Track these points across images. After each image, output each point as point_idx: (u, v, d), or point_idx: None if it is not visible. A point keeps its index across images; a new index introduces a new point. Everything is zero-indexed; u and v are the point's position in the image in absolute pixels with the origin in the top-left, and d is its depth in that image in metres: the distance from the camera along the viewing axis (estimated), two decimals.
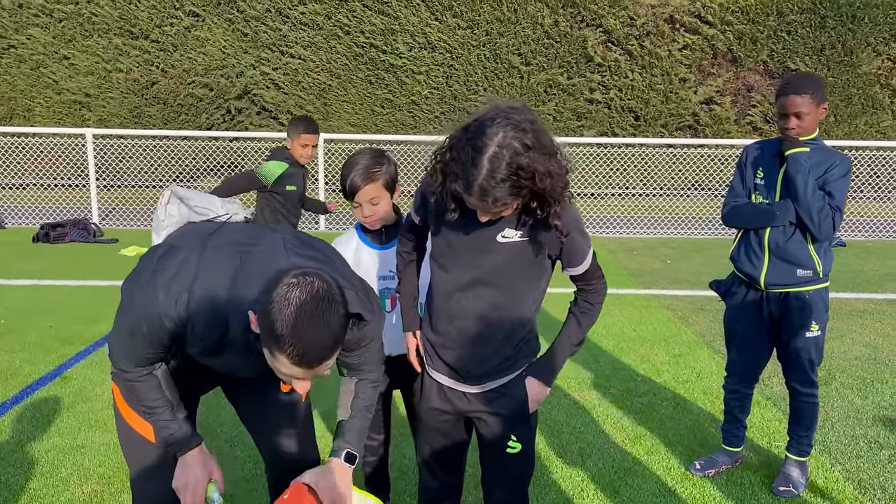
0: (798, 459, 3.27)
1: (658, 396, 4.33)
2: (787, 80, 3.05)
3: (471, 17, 13.11)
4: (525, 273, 1.99)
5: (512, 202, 1.76)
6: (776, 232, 3.04)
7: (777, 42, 13.10)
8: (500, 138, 1.69)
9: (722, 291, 3.36)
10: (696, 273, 7.82)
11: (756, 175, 3.12)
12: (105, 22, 13.01)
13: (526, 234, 1.93)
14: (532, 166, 1.71)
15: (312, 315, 1.51)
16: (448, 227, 2.00)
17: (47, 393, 4.22)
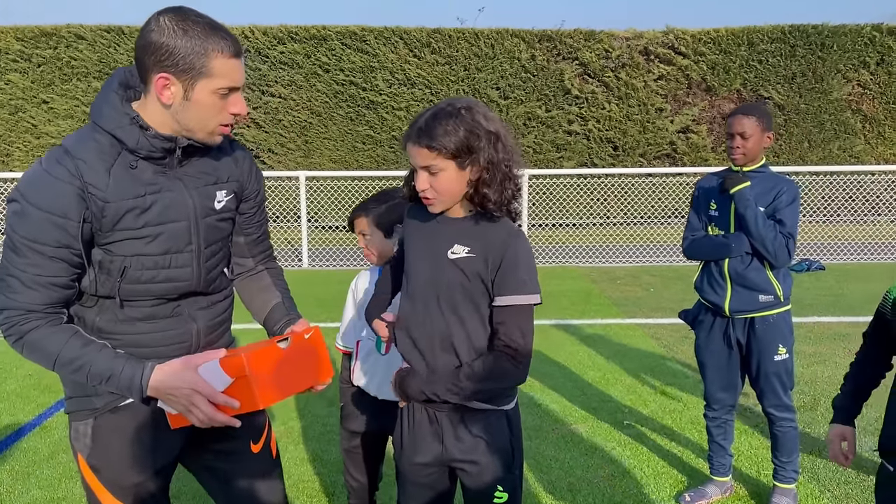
0: (785, 487, 3.28)
1: (646, 427, 4.32)
2: (740, 105, 3.24)
3: (448, 53, 13.29)
4: (472, 294, 1.91)
5: (444, 150, 1.81)
6: (735, 261, 3.16)
7: (749, 71, 13.38)
8: (449, 101, 1.87)
9: (690, 320, 3.45)
10: (678, 301, 7.84)
11: (710, 207, 3.24)
12: (84, 66, 13.05)
13: (473, 251, 1.90)
14: (479, 125, 1.83)
15: (199, 13, 1.62)
16: (412, 248, 2.03)
17: (27, 444, 4.13)
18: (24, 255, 1.59)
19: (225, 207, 1.85)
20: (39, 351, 1.63)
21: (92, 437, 1.77)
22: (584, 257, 10.77)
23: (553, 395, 4.89)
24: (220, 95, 1.64)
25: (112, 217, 1.64)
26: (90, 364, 1.61)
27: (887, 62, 13.36)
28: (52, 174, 1.60)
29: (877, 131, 13.66)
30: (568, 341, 6.22)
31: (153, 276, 1.72)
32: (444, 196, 1.89)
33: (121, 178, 1.65)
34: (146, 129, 1.65)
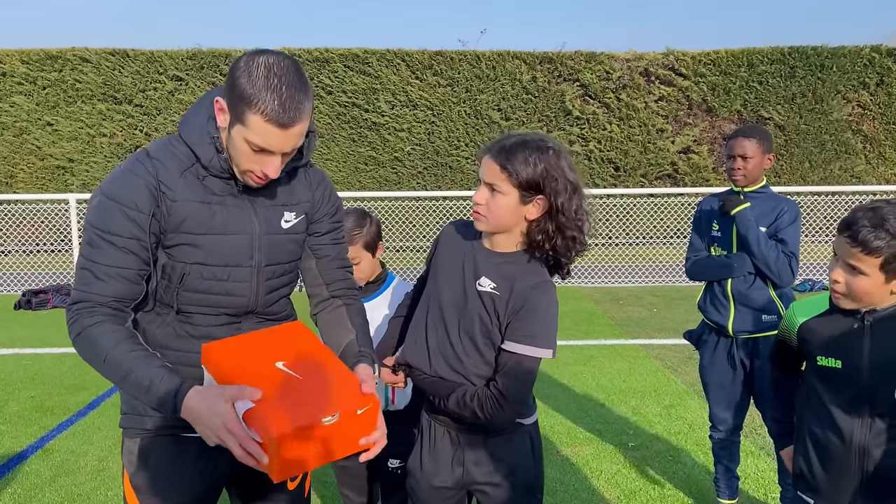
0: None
1: (651, 450, 4.29)
2: (739, 128, 3.27)
3: (450, 74, 13.38)
4: (490, 327, 1.88)
5: (515, 177, 1.80)
6: (738, 281, 3.17)
7: (749, 92, 13.45)
8: (543, 137, 1.87)
9: (694, 340, 3.45)
10: (682, 321, 7.83)
11: (712, 228, 3.25)
12: (89, 88, 13.15)
13: (498, 289, 1.88)
14: (559, 171, 1.83)
15: (283, 71, 1.55)
16: (441, 267, 2.02)
17: (28, 467, 4.11)
18: (98, 245, 1.64)
19: (293, 228, 1.84)
20: (93, 347, 1.61)
21: (138, 457, 1.79)
22: (586, 278, 10.76)
23: (557, 416, 4.87)
24: (252, 149, 1.62)
25: (177, 218, 1.68)
26: (133, 370, 1.56)
27: (887, 83, 13.43)
28: (131, 170, 1.67)
29: (877, 151, 13.70)
30: (571, 362, 6.20)
31: (210, 287, 1.73)
32: (494, 219, 1.86)
33: (191, 182, 1.70)
34: (220, 151, 1.70)
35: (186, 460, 1.79)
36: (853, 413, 1.86)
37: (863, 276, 1.76)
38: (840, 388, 1.88)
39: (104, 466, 4.08)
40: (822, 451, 1.94)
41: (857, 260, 1.76)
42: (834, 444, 1.90)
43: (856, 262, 1.76)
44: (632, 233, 12.57)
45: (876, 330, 1.83)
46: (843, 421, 1.87)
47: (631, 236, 12.61)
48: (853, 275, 1.78)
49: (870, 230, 1.72)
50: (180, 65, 13.23)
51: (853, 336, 1.86)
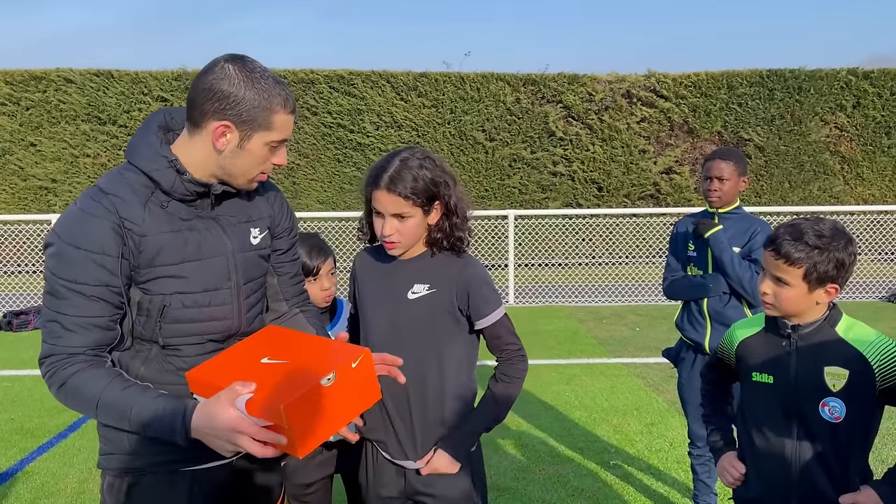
0: None
1: (632, 467, 4.32)
2: (716, 150, 3.38)
3: (435, 96, 13.49)
4: (438, 330, 2.05)
5: (416, 198, 1.95)
6: (714, 300, 3.26)
7: (730, 114, 13.66)
8: (408, 150, 2.02)
9: (672, 357, 3.51)
10: (664, 340, 7.88)
11: (688, 248, 3.32)
12: (73, 109, 13.14)
13: (433, 287, 2.04)
14: (441, 174, 2.00)
15: (255, 65, 1.64)
16: (365, 290, 2.15)
17: (8, 489, 4.08)
18: (64, 297, 1.57)
19: (260, 244, 1.85)
20: (81, 395, 1.56)
21: (126, 496, 1.72)
22: (569, 297, 10.82)
23: (540, 434, 4.89)
24: (271, 148, 1.68)
25: (150, 252, 1.62)
26: (132, 406, 1.53)
27: (863, 105, 13.69)
28: (87, 211, 1.59)
29: (855, 172, 13.92)
30: (554, 381, 6.23)
31: (194, 315, 1.69)
32: (409, 240, 2.02)
33: (156, 213, 1.65)
34: (182, 173, 1.65)
35: (177, 495, 1.74)
36: (785, 428, 1.94)
37: (788, 287, 1.89)
38: (772, 404, 1.97)
39: (84, 489, 4.06)
40: (758, 466, 2.01)
41: (782, 272, 1.89)
42: (769, 459, 1.97)
43: (781, 274, 1.89)
44: (615, 252, 12.67)
45: (801, 346, 1.94)
46: (777, 436, 1.95)
47: (614, 255, 12.70)
48: (779, 286, 1.91)
49: (790, 243, 1.86)
50: (165, 85, 13.26)
51: (782, 352, 1.97)
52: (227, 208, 1.79)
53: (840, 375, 1.87)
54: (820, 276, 1.86)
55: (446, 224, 2.04)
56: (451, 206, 2.03)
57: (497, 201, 13.61)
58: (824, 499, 1.89)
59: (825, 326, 1.93)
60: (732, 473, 2.07)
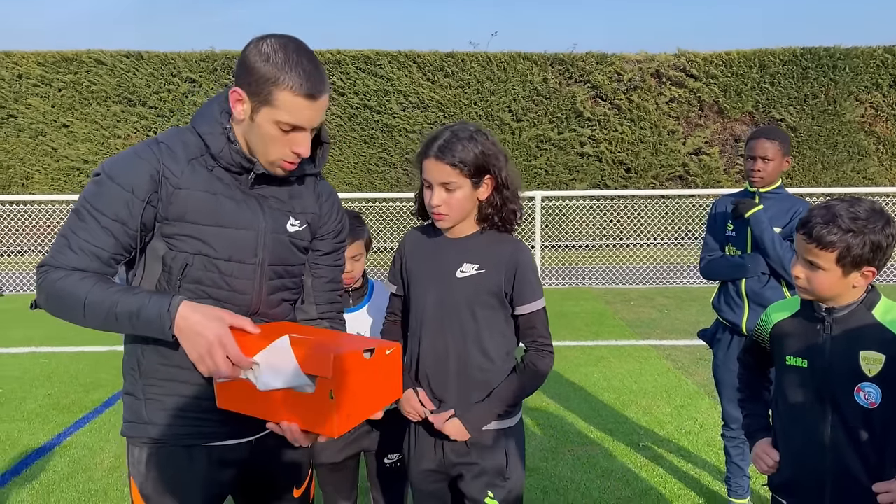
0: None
1: (662, 449, 4.31)
2: (759, 128, 3.32)
3: (462, 76, 13.41)
4: (484, 310, 2.06)
5: (464, 167, 1.96)
6: (752, 280, 3.20)
7: (761, 93, 13.41)
8: (461, 123, 2.03)
9: (708, 339, 3.47)
10: (693, 322, 7.83)
11: (726, 228, 3.27)
12: (104, 90, 13.28)
13: (482, 267, 2.05)
14: (492, 147, 2.00)
15: (297, 47, 1.60)
16: (414, 268, 2.16)
17: (46, 463, 4.18)
18: (83, 218, 1.62)
19: (298, 234, 1.81)
20: (68, 296, 1.58)
21: (145, 466, 1.77)
22: (597, 279, 10.76)
23: (569, 416, 4.89)
24: (282, 129, 1.63)
25: (180, 206, 1.64)
26: (118, 301, 1.56)
27: None
28: (135, 152, 1.66)
29: (891, 153, 13.62)
30: (582, 363, 6.21)
31: (215, 281, 1.70)
32: (457, 213, 2.02)
33: (198, 171, 1.68)
34: (233, 142, 1.68)
35: (194, 471, 1.77)
36: (820, 414, 1.90)
37: (821, 272, 1.84)
38: (806, 389, 1.93)
39: (120, 463, 4.14)
40: (792, 452, 1.98)
41: (814, 255, 1.84)
42: (805, 446, 1.93)
43: (813, 258, 1.84)
44: (643, 234, 12.57)
45: (836, 330, 1.89)
46: (811, 421, 1.91)
47: (642, 237, 12.60)
48: (812, 270, 1.86)
49: (822, 226, 1.81)
50: (194, 67, 13.34)
51: (816, 336, 1.92)
52: (272, 192, 1.78)
53: (876, 360, 1.83)
54: (854, 259, 1.80)
55: (497, 199, 2.04)
56: (501, 179, 2.03)
57: (524, 182, 13.45)
58: (858, 485, 1.86)
59: (861, 310, 1.88)
60: (766, 461, 2.04)
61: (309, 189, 1.87)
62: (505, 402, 2.09)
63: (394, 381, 1.69)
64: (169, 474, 1.77)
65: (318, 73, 1.61)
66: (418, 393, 2.14)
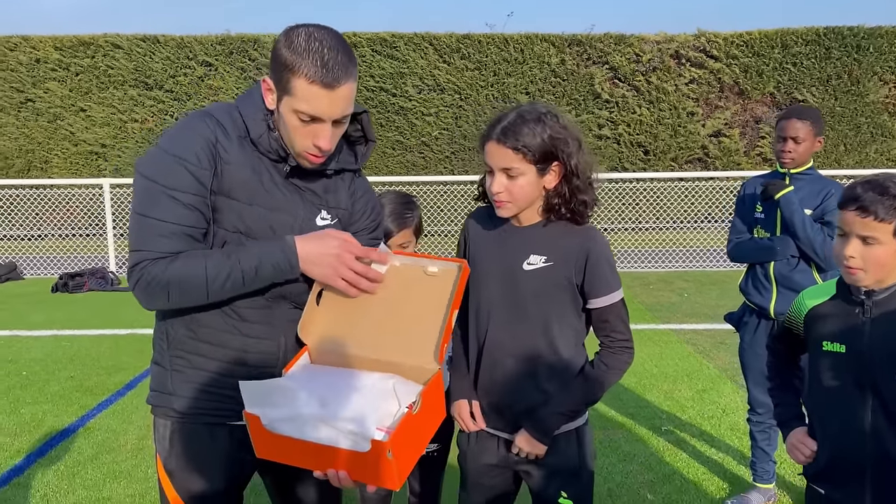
0: None
1: (684, 433, 4.28)
2: (790, 107, 3.22)
3: (478, 58, 13.31)
4: (553, 304, 1.93)
5: (528, 153, 1.80)
6: (780, 263, 3.15)
7: (783, 74, 13.21)
8: (531, 104, 1.86)
9: (735, 322, 3.42)
10: (713, 306, 7.77)
11: (755, 210, 3.20)
12: (120, 74, 13.31)
13: (550, 260, 1.90)
14: (562, 131, 1.83)
15: (323, 36, 1.56)
16: (478, 255, 2.01)
17: (70, 444, 4.21)
18: (162, 204, 1.58)
19: (326, 227, 1.77)
20: (187, 277, 1.57)
21: (169, 441, 1.77)
22: (616, 262, 10.67)
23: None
24: (302, 120, 1.59)
25: (228, 181, 1.64)
26: (237, 257, 1.58)
27: None
28: (191, 126, 1.64)
29: None
30: None
31: None
32: (519, 201, 1.87)
33: (246, 150, 1.67)
34: (272, 129, 1.67)
35: (217, 449, 1.77)
36: (858, 400, 1.85)
37: (878, 245, 1.78)
38: (844, 374, 1.87)
39: (144, 445, 4.17)
40: (832, 440, 1.93)
41: (871, 230, 1.77)
42: (843, 432, 1.89)
43: (869, 232, 1.78)
44: (661, 217, 12.46)
45: (876, 313, 1.84)
46: (851, 407, 1.86)
47: (661, 221, 12.49)
48: (868, 246, 1.79)
49: (877, 198, 1.75)
50: (210, 50, 13.32)
51: (855, 320, 1.87)
52: (307, 184, 1.77)
53: None
54: None
55: (566, 189, 1.87)
56: (571, 167, 1.85)
57: None
58: None
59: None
60: (803, 451, 1.99)
61: (344, 184, 1.85)
62: (575, 407, 1.98)
63: (438, 406, 1.66)
64: (192, 451, 1.78)
65: (339, 61, 1.56)
66: (472, 405, 2.05)
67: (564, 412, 1.96)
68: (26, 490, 3.64)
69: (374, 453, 1.44)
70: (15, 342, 6.59)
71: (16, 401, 4.97)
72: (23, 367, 5.75)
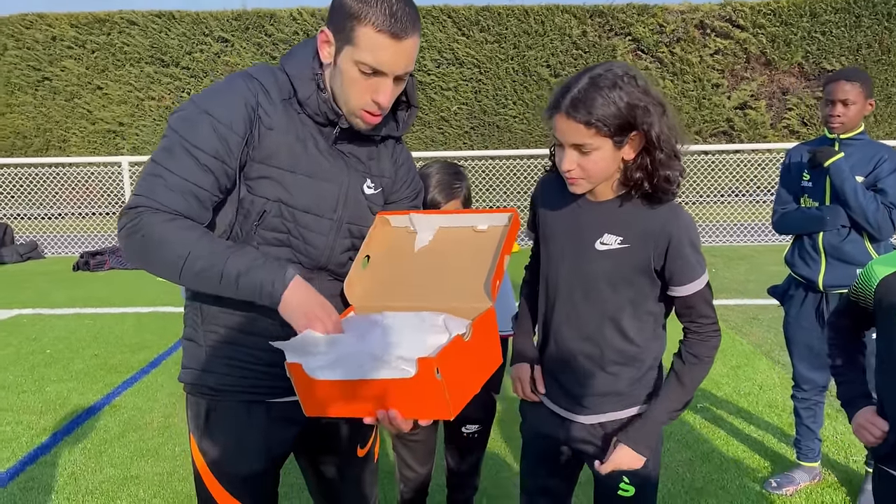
0: None
1: (721, 410, 4.16)
2: (839, 70, 3.05)
3: (498, 31, 13.09)
4: (627, 288, 1.75)
5: (602, 126, 1.57)
6: (830, 234, 3.00)
7: (812, 43, 12.89)
8: (604, 66, 1.62)
9: (779, 296, 3.29)
10: (742, 281, 7.62)
11: (802, 178, 3.09)
12: (137, 51, 13.23)
13: (627, 241, 1.71)
14: (642, 97, 1.59)
15: None
16: (549, 235, 1.86)
17: (97, 422, 4.17)
18: (177, 157, 1.49)
19: (372, 197, 1.72)
20: (169, 245, 1.45)
21: (204, 421, 1.70)
22: None
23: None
24: (363, 72, 1.50)
25: (268, 148, 1.55)
26: (229, 256, 1.46)
27: None
28: (231, 87, 1.56)
29: None
30: None
31: (291, 230, 1.60)
32: (595, 177, 1.68)
33: (290, 115, 1.58)
34: (322, 90, 1.58)
35: (254, 427, 1.70)
36: None
37: None
38: None
39: (170, 423, 4.12)
40: None
41: None
42: None
43: None
44: (686, 192, 12.25)
45: None
46: None
47: (685, 195, 12.28)
48: None
49: None
50: (226, 26, 13.20)
51: None
52: (352, 149, 1.69)
53: None
54: None
55: (647, 161, 1.64)
56: (653, 137, 1.61)
57: None
58: None
59: None
60: (873, 431, 1.85)
61: (388, 152, 1.77)
62: (674, 408, 1.79)
63: (492, 345, 1.58)
64: (228, 430, 1.70)
65: (407, 13, 1.48)
66: (534, 370, 1.91)
67: (665, 420, 1.80)
68: (53, 468, 3.60)
69: (422, 375, 1.34)
70: (38, 320, 6.58)
71: (41, 379, 4.94)
72: (47, 346, 5.73)
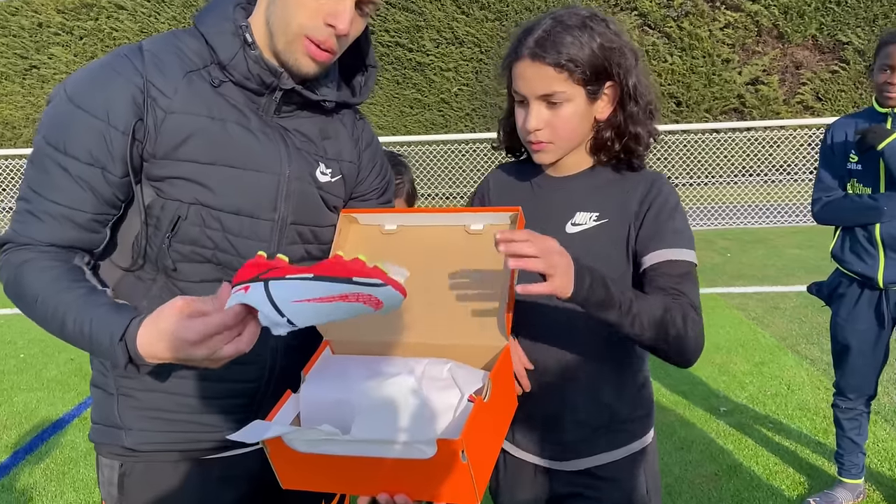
0: None
1: (746, 415, 3.79)
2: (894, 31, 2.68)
3: (499, 7, 12.73)
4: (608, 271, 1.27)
5: (575, 69, 1.29)
6: (889, 224, 2.62)
7: (826, 14, 12.44)
8: (569, 8, 1.34)
9: (826, 295, 2.89)
10: (760, 266, 7.24)
11: (849, 159, 2.67)
12: (125, 36, 12.90)
13: (604, 216, 1.38)
14: (616, 39, 1.33)
15: None
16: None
17: (63, 438, 3.84)
18: (44, 170, 1.16)
19: (329, 186, 1.33)
20: (23, 288, 1.15)
21: (119, 488, 1.31)
22: None
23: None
24: None
25: (172, 136, 1.18)
26: (67, 313, 1.11)
27: None
28: (110, 65, 1.18)
29: None
30: None
31: (217, 242, 1.22)
32: (564, 139, 1.36)
33: (198, 89, 1.20)
34: (250, 45, 1.21)
35: (186, 491, 1.31)
36: None
37: None
38: None
39: None
40: None
41: None
42: None
43: None
44: (695, 172, 11.88)
45: None
46: None
47: (695, 176, 11.91)
48: None
49: None
50: None
51: None
52: (299, 124, 1.30)
53: None
54: None
55: (620, 118, 1.36)
56: (629, 86, 1.34)
57: None
58: None
59: None
60: None
61: (347, 129, 1.38)
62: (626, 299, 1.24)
63: (509, 391, 1.31)
64: (148, 497, 1.30)
65: None
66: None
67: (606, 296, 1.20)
68: (10, 493, 3.27)
69: (443, 458, 1.02)
70: (16, 321, 6.25)
71: (10, 387, 4.64)
72: (21, 349, 5.42)
